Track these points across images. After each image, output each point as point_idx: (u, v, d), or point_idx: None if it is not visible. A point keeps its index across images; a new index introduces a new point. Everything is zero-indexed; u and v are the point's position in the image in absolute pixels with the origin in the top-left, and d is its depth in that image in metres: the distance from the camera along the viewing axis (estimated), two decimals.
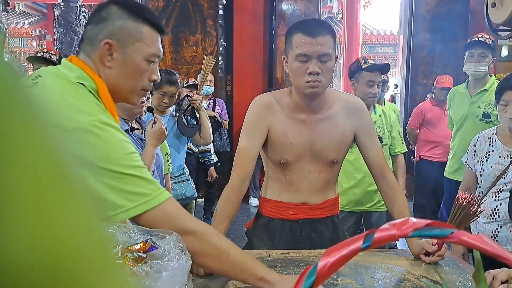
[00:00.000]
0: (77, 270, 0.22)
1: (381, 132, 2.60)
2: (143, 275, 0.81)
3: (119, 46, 1.12)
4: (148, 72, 1.17)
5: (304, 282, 0.35)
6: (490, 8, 3.92)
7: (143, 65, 1.15)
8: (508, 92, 1.87)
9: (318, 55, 1.45)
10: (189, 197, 2.82)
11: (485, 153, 1.98)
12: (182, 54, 5.08)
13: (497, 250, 0.35)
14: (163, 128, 1.77)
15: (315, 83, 1.46)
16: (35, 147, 0.22)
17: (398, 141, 2.72)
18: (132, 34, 1.12)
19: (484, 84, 3.00)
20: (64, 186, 0.23)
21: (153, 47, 1.15)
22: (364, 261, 1.47)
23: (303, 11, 5.52)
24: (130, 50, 1.12)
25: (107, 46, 1.10)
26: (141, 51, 1.13)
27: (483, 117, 2.95)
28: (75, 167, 0.24)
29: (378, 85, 2.48)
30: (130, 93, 1.17)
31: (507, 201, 1.85)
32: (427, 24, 5.57)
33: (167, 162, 2.21)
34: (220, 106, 4.79)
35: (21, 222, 0.20)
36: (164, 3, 5.00)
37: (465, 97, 3.08)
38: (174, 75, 2.78)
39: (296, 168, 1.57)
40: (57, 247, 0.21)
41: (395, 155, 2.75)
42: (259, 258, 1.50)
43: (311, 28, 1.46)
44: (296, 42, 1.48)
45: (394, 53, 13.02)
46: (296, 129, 1.55)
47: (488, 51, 2.91)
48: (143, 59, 1.14)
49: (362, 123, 1.60)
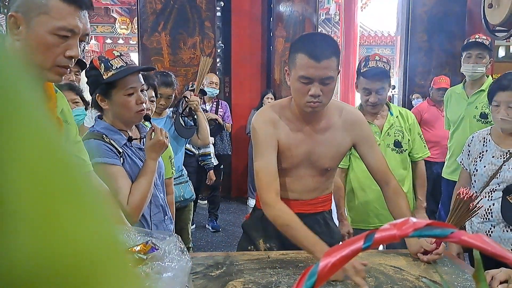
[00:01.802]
0: (88, 275, 0.22)
1: (399, 136, 2.27)
2: (144, 276, 0.81)
3: (24, 19, 1.07)
4: (60, 47, 1.10)
5: (305, 282, 0.35)
6: (487, 9, 3.93)
7: (50, 39, 1.09)
8: (499, 93, 1.88)
9: (321, 78, 1.45)
10: (187, 199, 2.81)
11: (479, 153, 1.99)
12: (180, 56, 5.08)
13: (497, 250, 0.36)
14: (162, 139, 1.62)
15: (315, 104, 1.48)
16: (43, 149, 0.22)
17: (419, 145, 2.34)
18: (38, 6, 1.08)
19: (481, 84, 2.99)
20: (73, 189, 0.23)
21: (62, 20, 1.09)
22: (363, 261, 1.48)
23: (301, 12, 5.52)
24: (34, 23, 1.08)
25: (12, 19, 1.07)
26: (46, 24, 1.08)
27: (480, 117, 2.95)
28: (82, 169, 0.24)
29: (378, 92, 2.17)
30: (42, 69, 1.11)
31: (500, 201, 1.86)
32: (424, 25, 5.58)
33: (171, 166, 2.17)
34: (223, 109, 4.75)
35: (29, 226, 0.20)
36: (162, 5, 5.00)
37: (462, 97, 3.07)
38: (169, 77, 2.78)
39: (292, 173, 1.62)
40: (67, 252, 0.21)
41: (415, 162, 2.36)
42: (258, 259, 1.51)
43: (316, 51, 1.44)
44: (299, 63, 1.46)
45: (392, 54, 13.04)
46: (297, 139, 1.58)
47: (485, 52, 2.91)
48: (49, 32, 1.08)
49: (361, 134, 1.63)
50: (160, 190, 1.77)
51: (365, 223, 2.22)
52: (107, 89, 1.57)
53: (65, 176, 0.23)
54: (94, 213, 0.24)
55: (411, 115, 2.35)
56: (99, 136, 1.55)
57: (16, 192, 0.20)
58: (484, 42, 2.93)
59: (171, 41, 5.04)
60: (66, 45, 1.10)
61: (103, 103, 1.60)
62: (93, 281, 0.22)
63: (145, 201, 1.58)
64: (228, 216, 5.07)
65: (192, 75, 4.94)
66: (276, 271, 1.41)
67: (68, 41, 1.10)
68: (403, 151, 2.26)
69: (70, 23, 1.10)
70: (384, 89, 2.18)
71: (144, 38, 5.02)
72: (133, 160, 1.63)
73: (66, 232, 0.21)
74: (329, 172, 1.67)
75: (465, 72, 2.99)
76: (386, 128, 2.24)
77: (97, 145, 1.52)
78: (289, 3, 5.50)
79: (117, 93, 1.57)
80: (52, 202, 0.21)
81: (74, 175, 0.23)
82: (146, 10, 5.00)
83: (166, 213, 1.79)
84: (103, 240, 0.24)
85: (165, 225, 1.77)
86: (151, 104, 2.19)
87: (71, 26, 1.11)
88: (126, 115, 1.60)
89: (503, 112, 1.86)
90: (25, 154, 0.21)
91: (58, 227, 0.21)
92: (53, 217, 0.21)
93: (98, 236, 0.23)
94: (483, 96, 2.90)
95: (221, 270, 1.41)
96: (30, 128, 0.22)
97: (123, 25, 13.40)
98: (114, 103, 1.59)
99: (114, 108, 1.60)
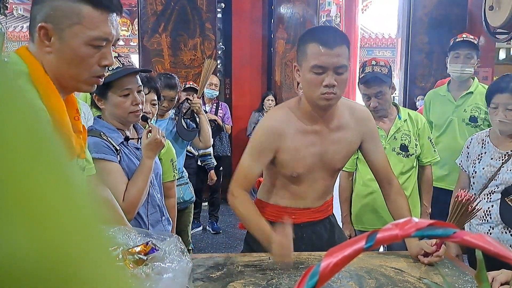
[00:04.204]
0: (76, 273, 0.22)
1: (406, 140, 2.22)
2: (144, 277, 0.81)
3: (56, 30, 1.00)
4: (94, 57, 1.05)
5: (307, 282, 0.35)
6: (488, 11, 3.93)
7: (85, 50, 1.03)
8: (498, 95, 1.88)
9: (335, 67, 1.39)
10: (187, 201, 2.80)
11: (477, 155, 2.00)
12: (180, 58, 5.09)
13: (500, 250, 0.35)
14: (159, 138, 1.65)
15: (330, 95, 1.42)
16: (32, 148, 0.22)
17: (428, 150, 2.28)
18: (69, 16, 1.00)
19: (468, 86, 2.83)
20: (62, 187, 0.23)
21: (96, 29, 1.03)
22: (364, 263, 1.48)
23: (302, 14, 5.52)
24: (67, 34, 1.01)
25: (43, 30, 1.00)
26: (80, 35, 1.01)
27: (470, 121, 2.79)
28: (73, 168, 0.24)
29: (377, 97, 2.15)
30: (76, 81, 1.06)
31: (498, 202, 1.86)
32: (425, 27, 5.59)
33: (173, 169, 2.16)
34: (223, 110, 4.75)
35: (18, 225, 0.20)
36: (163, 7, 5.01)
37: (448, 100, 2.89)
38: (173, 79, 2.77)
39: (307, 178, 1.57)
40: (55, 250, 0.21)
41: (423, 167, 2.31)
42: (259, 260, 1.50)
43: (328, 38, 1.39)
44: (311, 52, 1.40)
45: (392, 56, 13.06)
46: (308, 140, 1.53)
47: (474, 51, 2.76)
48: (84, 43, 1.02)
49: (368, 131, 1.61)
50: (157, 191, 1.78)
51: (371, 226, 2.21)
52: (104, 90, 1.59)
53: (54, 173, 0.23)
54: (82, 211, 0.24)
55: (421, 119, 2.30)
56: (97, 134, 1.58)
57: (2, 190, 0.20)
58: (472, 41, 2.79)
59: (171, 42, 5.04)
60: (101, 54, 1.05)
61: (99, 103, 1.63)
62: (78, 279, 0.22)
63: (141, 198, 1.60)
64: (229, 217, 5.06)
65: (193, 76, 4.94)
66: (276, 272, 1.41)
67: (102, 50, 1.06)
68: (409, 156, 2.23)
69: (105, 32, 1.05)
70: (383, 93, 2.14)
71: (145, 39, 5.02)
72: (130, 158, 1.65)
73: (54, 231, 0.21)
74: (338, 173, 1.67)
75: (453, 73, 2.82)
76: (393, 132, 2.22)
77: (95, 142, 1.55)
78: (290, 5, 5.50)
79: (113, 94, 1.60)
80: (41, 201, 0.21)
81: (64, 172, 0.23)
82: (146, 12, 5.00)
83: (163, 214, 1.80)
84: (89, 239, 0.23)
85: (162, 226, 1.78)
86: (153, 107, 2.19)
87: (106, 35, 1.05)
88: (121, 115, 1.63)
89: (501, 114, 1.86)
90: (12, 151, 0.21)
91: (46, 226, 0.21)
92: (41, 216, 0.21)
93: (85, 234, 0.23)
94: (471, 98, 2.79)
95: (222, 272, 1.41)
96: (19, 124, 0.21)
97: (123, 26, 13.43)
98: (110, 103, 1.62)
99: (110, 108, 1.63)
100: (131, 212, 1.57)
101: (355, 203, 2.30)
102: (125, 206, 1.54)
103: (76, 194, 0.24)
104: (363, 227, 2.26)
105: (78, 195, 0.24)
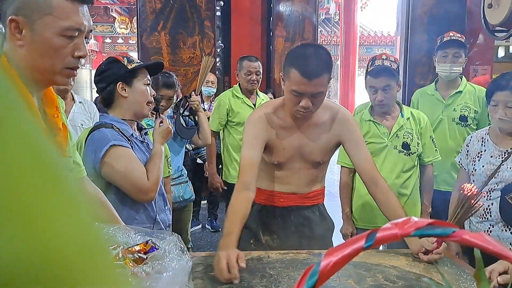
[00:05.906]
0: (70, 273, 0.22)
1: (408, 138, 2.22)
2: (144, 275, 0.81)
3: (27, 22, 0.99)
4: (68, 48, 1.04)
5: (307, 282, 0.35)
6: (487, 9, 3.93)
7: (58, 41, 1.02)
8: (497, 92, 1.88)
9: (311, 94, 1.55)
10: (187, 199, 2.80)
11: (477, 153, 2.00)
12: (179, 56, 5.08)
13: (499, 249, 0.36)
14: (170, 127, 1.86)
15: (305, 113, 1.61)
16: (25, 148, 0.21)
17: (430, 149, 2.28)
18: (40, 7, 0.99)
19: (457, 86, 2.82)
20: (55, 187, 0.23)
21: (68, 19, 1.02)
22: (363, 261, 1.48)
23: (301, 12, 5.52)
24: (38, 25, 1.00)
25: (14, 23, 0.99)
26: (52, 25, 1.00)
27: (460, 120, 2.77)
28: (64, 168, 0.24)
29: (384, 90, 2.15)
30: (50, 73, 1.05)
31: (498, 200, 1.87)
32: (424, 25, 5.58)
33: (167, 165, 2.22)
34: None
35: (10, 225, 0.20)
36: (162, 5, 5.00)
37: (437, 99, 2.86)
38: (171, 78, 2.75)
39: (287, 167, 1.74)
40: (48, 250, 0.21)
41: (424, 166, 2.31)
42: (258, 258, 1.51)
43: (308, 68, 1.52)
44: (292, 77, 1.55)
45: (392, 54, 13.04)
46: (289, 135, 1.70)
47: (462, 50, 2.75)
48: (57, 34, 1.01)
49: (348, 133, 1.71)
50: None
51: (371, 224, 2.21)
52: (130, 78, 1.72)
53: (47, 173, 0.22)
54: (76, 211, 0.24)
55: (423, 118, 2.30)
56: (109, 126, 1.67)
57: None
58: (459, 39, 2.77)
59: (170, 40, 5.03)
60: (73, 45, 1.05)
61: (123, 92, 1.72)
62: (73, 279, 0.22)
63: (160, 179, 1.72)
64: None
65: (192, 74, 4.94)
66: (276, 271, 1.41)
67: (75, 41, 1.05)
68: (411, 154, 2.23)
69: (77, 21, 1.04)
70: (390, 86, 2.16)
71: (144, 37, 5.01)
72: (139, 147, 1.76)
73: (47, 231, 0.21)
74: (322, 165, 1.78)
75: (442, 72, 2.80)
76: (395, 130, 2.22)
77: (109, 131, 1.65)
78: (289, 3, 5.50)
79: (138, 82, 1.73)
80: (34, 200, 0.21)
81: (56, 172, 0.23)
82: (145, 10, 4.99)
83: (166, 203, 1.89)
84: (84, 238, 0.23)
85: (165, 215, 1.86)
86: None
87: (78, 24, 1.04)
88: (141, 103, 1.74)
89: (501, 112, 1.86)
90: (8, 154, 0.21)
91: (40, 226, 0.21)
92: (34, 215, 0.21)
93: (80, 234, 0.23)
94: (460, 97, 2.78)
95: None
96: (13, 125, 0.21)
97: (122, 24, 13.41)
98: (135, 91, 1.73)
99: (134, 95, 1.72)
100: (155, 190, 1.68)
101: (356, 200, 2.30)
102: (151, 185, 1.65)
103: (68, 194, 0.24)
104: (364, 225, 2.26)
105: (70, 195, 0.24)
